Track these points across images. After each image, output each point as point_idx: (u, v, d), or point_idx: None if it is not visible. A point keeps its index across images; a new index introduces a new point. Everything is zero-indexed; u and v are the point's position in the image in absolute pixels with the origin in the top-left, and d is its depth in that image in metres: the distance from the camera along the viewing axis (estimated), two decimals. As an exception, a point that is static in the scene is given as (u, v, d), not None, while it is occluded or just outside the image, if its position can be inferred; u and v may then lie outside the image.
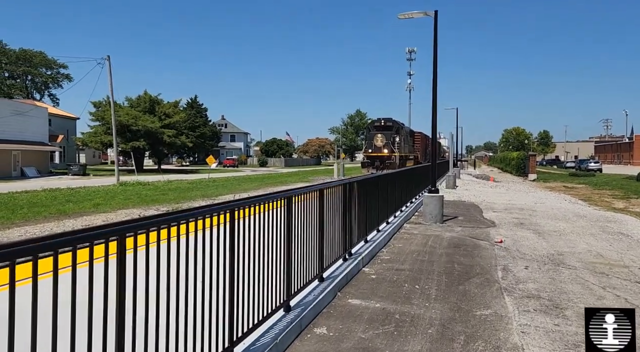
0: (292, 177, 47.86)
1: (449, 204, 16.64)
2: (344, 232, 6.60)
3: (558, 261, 7.69)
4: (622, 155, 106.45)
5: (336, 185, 6.36)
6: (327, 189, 5.85)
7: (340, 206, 6.49)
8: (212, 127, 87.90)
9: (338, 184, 6.45)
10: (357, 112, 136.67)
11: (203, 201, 22.57)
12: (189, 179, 42.09)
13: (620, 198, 28.11)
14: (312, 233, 5.26)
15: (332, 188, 6.12)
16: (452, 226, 11.46)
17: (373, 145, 40.65)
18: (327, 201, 5.77)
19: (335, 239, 6.16)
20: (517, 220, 12.66)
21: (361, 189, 7.73)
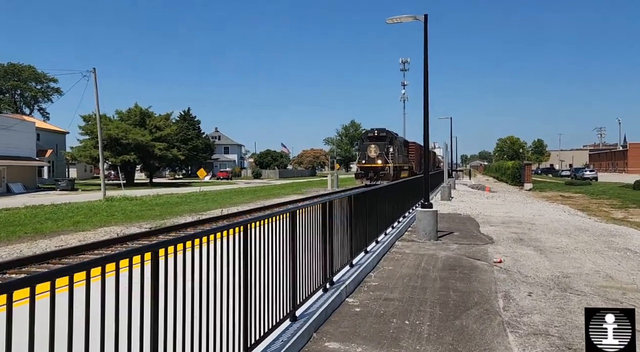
0: (285, 189, 47.08)
1: (444, 217, 15.89)
2: (324, 259, 5.82)
3: (564, 284, 6.92)
4: (616, 163, 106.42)
5: (312, 204, 5.59)
6: (301, 210, 5.08)
7: (319, 229, 5.72)
8: (205, 140, 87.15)
9: (314, 203, 5.68)
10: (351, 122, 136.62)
11: (190, 217, 21.77)
12: (180, 193, 41.24)
13: (619, 208, 27.51)
14: (281, 264, 4.48)
15: (308, 208, 5.35)
16: (447, 243, 10.69)
17: (366, 156, 39.98)
18: (300, 225, 5.00)
19: (312, 268, 5.38)
20: (516, 235, 11.90)
21: (344, 207, 6.97)
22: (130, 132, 52.83)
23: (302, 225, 5.09)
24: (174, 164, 65.53)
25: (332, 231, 6.17)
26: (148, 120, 57.30)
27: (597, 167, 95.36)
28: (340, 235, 6.63)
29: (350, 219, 7.22)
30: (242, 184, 67.63)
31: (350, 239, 7.16)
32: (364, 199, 8.30)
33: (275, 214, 4.36)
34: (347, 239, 7.02)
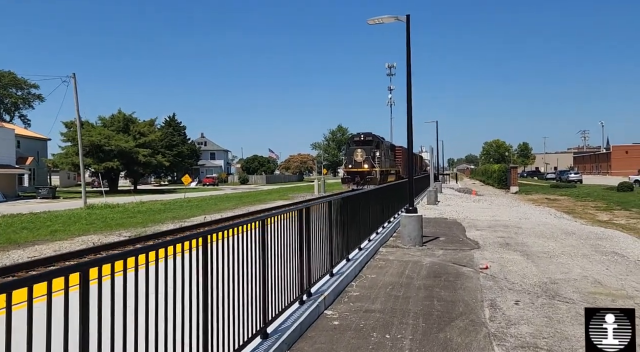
0: (271, 195, 46.65)
1: (429, 222, 15.65)
2: (300, 269, 5.48)
3: (552, 291, 6.66)
4: (600, 166, 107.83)
5: (286, 211, 5.26)
6: (274, 217, 4.74)
7: (295, 237, 5.38)
8: (191, 146, 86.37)
9: (289, 210, 5.35)
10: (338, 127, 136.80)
11: (172, 224, 21.32)
12: (164, 200, 40.59)
13: (604, 210, 27.63)
14: (250, 277, 4.14)
15: (282, 215, 5.01)
16: (433, 248, 10.41)
17: (353, 161, 39.79)
18: (272, 234, 4.66)
19: (287, 280, 5.04)
20: (502, 240, 11.68)
21: (323, 213, 6.64)
22: (114, 139, 52.01)
23: (275, 234, 4.75)
24: (158, 170, 64.64)
25: (310, 240, 5.84)
26: (132, 127, 56.49)
27: (581, 169, 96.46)
28: (320, 243, 6.30)
29: (331, 226, 6.89)
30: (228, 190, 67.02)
31: (330, 247, 6.83)
32: (345, 205, 7.99)
33: (241, 223, 4.01)
34: (327, 248, 6.69)
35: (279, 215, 4.92)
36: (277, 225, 4.82)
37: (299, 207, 5.66)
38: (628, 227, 19.41)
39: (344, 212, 7.90)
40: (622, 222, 21.74)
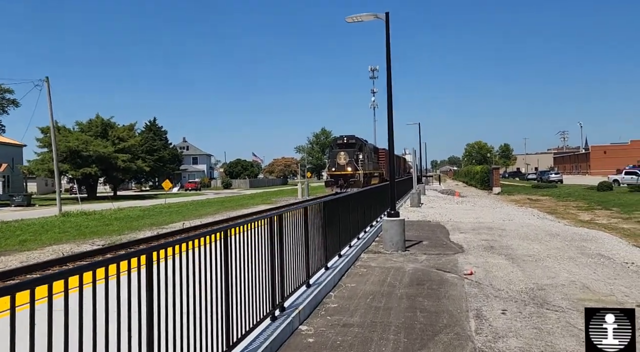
0: (254, 199, 46.03)
1: (412, 225, 15.34)
2: (272, 283, 5.04)
3: (540, 298, 6.34)
4: (579, 166, 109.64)
5: (256, 219, 4.82)
6: (238, 227, 4.30)
7: (266, 248, 4.95)
8: (172, 150, 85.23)
9: (259, 218, 4.92)
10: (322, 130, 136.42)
11: (150, 231, 20.67)
12: (144, 206, 39.72)
13: (585, 210, 27.74)
14: (211, 295, 3.69)
15: (249, 225, 4.57)
16: (416, 253, 10.06)
17: (336, 164, 39.43)
18: (238, 245, 4.22)
19: (257, 295, 4.59)
20: (486, 243, 11.40)
21: (299, 220, 6.22)
22: (92, 144, 50.79)
23: (242, 245, 4.31)
24: (139, 176, 63.42)
25: (283, 250, 5.40)
26: (110, 131, 55.29)
27: (561, 169, 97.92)
28: (295, 253, 5.87)
29: (307, 234, 6.47)
30: (211, 194, 66.16)
31: (306, 256, 6.40)
32: (324, 210, 7.58)
33: (198, 236, 3.56)
34: (302, 257, 6.26)
35: (245, 224, 4.48)
36: (244, 235, 4.39)
37: (269, 215, 5.23)
38: (609, 226, 19.40)
39: (323, 217, 7.49)
40: (604, 222, 21.77)
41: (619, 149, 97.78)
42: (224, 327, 3.88)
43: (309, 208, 6.71)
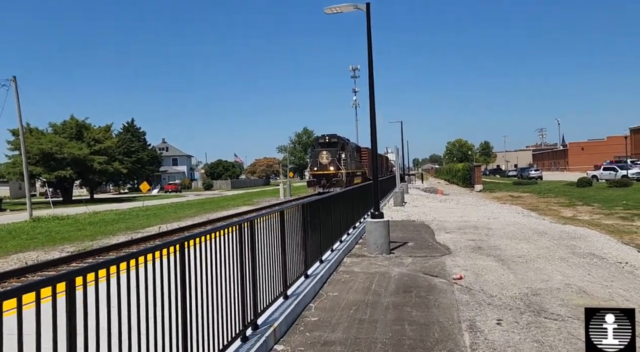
0: (235, 200, 45.20)
1: (397, 225, 14.88)
2: (242, 299, 4.45)
3: (537, 305, 5.88)
4: (558, 162, 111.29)
5: (221, 227, 4.22)
6: (197, 239, 3.70)
7: (235, 259, 4.35)
8: (151, 152, 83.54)
9: (225, 226, 4.32)
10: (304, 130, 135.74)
11: (124, 236, 19.83)
12: (121, 209, 38.61)
13: (567, 206, 27.76)
14: (168, 315, 3.09)
15: (212, 235, 3.97)
16: (401, 256, 9.56)
17: (318, 163, 38.89)
18: (198, 258, 3.62)
19: (223, 313, 4.00)
20: (473, 243, 10.97)
21: (274, 225, 5.64)
22: (66, 146, 49.27)
23: (204, 257, 3.72)
24: (116, 178, 61.82)
25: (255, 261, 4.82)
26: (86, 133, 53.75)
27: (540, 166, 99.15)
28: (270, 263, 5.29)
29: (284, 241, 5.89)
30: (191, 196, 65.02)
31: (283, 265, 5.83)
32: (303, 213, 7.00)
33: (145, 252, 2.96)
34: (279, 267, 5.68)
35: (209, 234, 3.88)
36: (211, 244, 3.79)
37: (239, 221, 4.63)
38: (592, 223, 19.28)
39: (303, 221, 6.92)
40: (586, 218, 21.69)
41: (596, 145, 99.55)
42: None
43: (286, 212, 6.13)
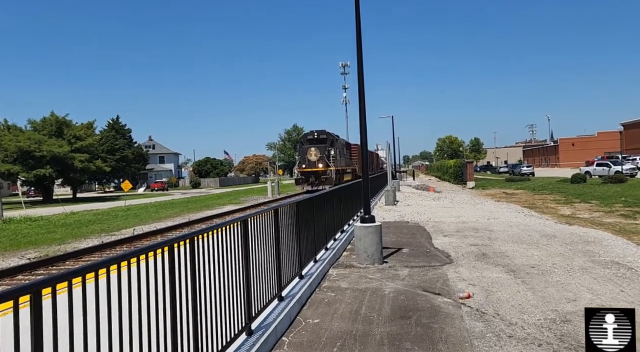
0: (222, 199, 43.73)
1: (390, 227, 13.62)
2: (173, 345, 3.12)
3: (572, 339, 4.61)
4: (549, 158, 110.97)
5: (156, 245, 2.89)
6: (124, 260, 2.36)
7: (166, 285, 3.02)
8: (137, 149, 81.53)
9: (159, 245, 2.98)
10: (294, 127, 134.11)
11: (97, 239, 18.39)
12: (101, 209, 36.99)
13: (564, 203, 26.74)
14: None
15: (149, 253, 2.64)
16: (396, 266, 8.27)
17: (307, 160, 37.49)
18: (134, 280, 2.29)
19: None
20: (476, 249, 9.72)
21: (239, 238, 4.31)
22: (45, 144, 47.32)
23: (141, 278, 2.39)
24: (99, 176, 59.84)
25: (203, 285, 3.49)
26: (66, 130, 51.74)
27: (530, 162, 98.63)
28: (229, 287, 3.97)
29: (247, 258, 4.56)
30: (178, 194, 63.41)
31: (247, 290, 4.49)
32: (276, 219, 5.68)
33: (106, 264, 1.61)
34: (241, 292, 4.35)
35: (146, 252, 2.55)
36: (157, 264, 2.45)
37: (181, 238, 3.30)
38: (594, 221, 18.22)
39: (276, 230, 5.60)
40: (586, 216, 20.65)
41: (586, 141, 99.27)
42: None
43: (251, 220, 4.80)
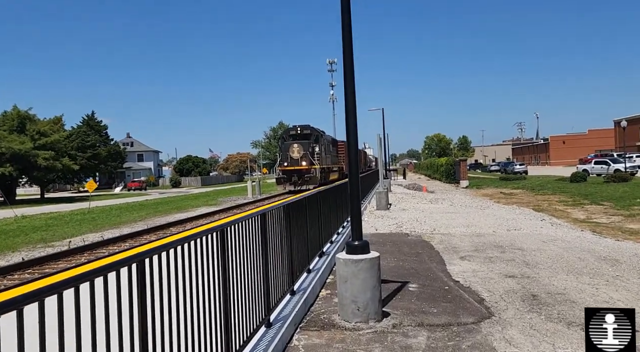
0: (198, 200, 40.31)
1: (385, 242, 10.50)
2: None
3: None
4: (539, 156, 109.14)
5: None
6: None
7: None
8: (113, 146, 77.38)
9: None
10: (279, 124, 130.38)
11: (26, 252, 15.22)
12: (62, 211, 33.44)
13: (572, 205, 23.95)
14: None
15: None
16: (404, 325, 5.12)
17: (289, 158, 34.21)
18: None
19: None
20: (518, 285, 6.62)
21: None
22: (5, 140, 43.40)
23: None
24: (69, 175, 55.78)
25: None
26: (29, 125, 47.75)
27: (520, 160, 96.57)
28: None
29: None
30: (156, 194, 59.88)
31: None
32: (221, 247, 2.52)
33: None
34: None
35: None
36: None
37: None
38: (614, 227, 15.41)
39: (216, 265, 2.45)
40: (604, 221, 17.82)
41: (577, 138, 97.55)
42: None
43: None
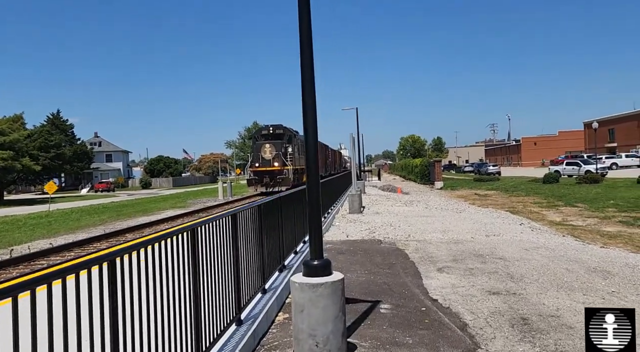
0: (167, 202, 38.70)
1: (356, 251, 9.59)
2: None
3: None
4: (511, 158, 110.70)
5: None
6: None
7: None
8: (80, 146, 74.52)
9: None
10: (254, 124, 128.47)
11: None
12: (20, 214, 31.49)
13: (547, 207, 23.64)
14: None
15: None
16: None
17: (260, 158, 33.08)
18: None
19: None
20: (504, 304, 5.79)
21: None
22: (-42, 139, 40.91)
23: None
24: (31, 176, 53.12)
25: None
26: (-15, 124, 45.27)
27: (493, 161, 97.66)
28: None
29: None
30: (124, 196, 57.62)
31: None
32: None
33: None
34: None
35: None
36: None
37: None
38: (594, 230, 14.95)
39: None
40: (580, 224, 17.42)
41: (548, 140, 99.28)
42: None
43: None
